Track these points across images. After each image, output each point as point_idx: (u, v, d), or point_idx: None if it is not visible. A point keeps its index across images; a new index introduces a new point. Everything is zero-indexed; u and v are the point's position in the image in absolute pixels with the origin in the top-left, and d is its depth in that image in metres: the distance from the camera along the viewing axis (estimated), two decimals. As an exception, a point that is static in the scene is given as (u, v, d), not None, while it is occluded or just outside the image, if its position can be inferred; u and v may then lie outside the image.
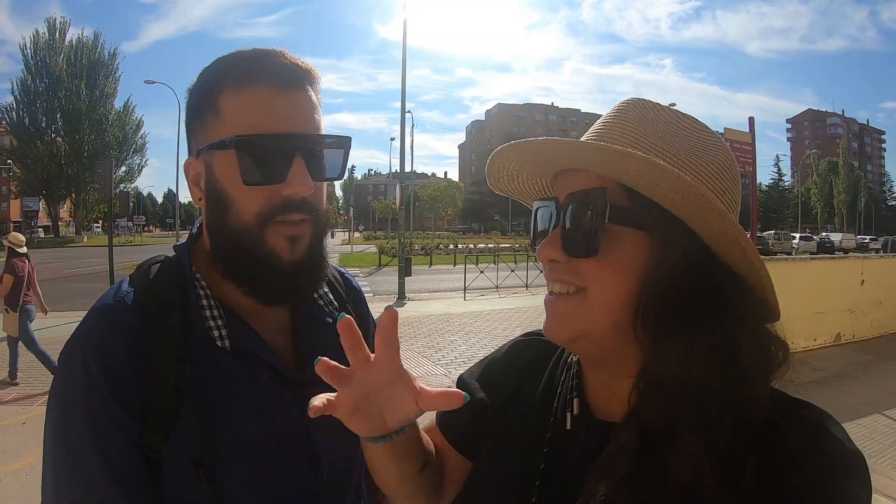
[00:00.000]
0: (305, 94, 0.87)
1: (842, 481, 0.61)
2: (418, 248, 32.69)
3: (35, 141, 52.72)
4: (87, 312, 0.88)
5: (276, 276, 0.86)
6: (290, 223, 0.86)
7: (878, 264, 9.92)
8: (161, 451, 0.81)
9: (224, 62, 0.88)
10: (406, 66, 15.71)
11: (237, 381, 0.88)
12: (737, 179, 0.75)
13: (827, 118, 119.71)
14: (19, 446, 4.72)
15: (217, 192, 0.87)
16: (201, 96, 0.88)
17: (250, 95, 0.84)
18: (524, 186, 0.88)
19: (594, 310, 0.71)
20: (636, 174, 0.66)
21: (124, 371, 0.81)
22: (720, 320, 0.66)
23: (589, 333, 0.72)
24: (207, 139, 0.86)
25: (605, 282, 0.70)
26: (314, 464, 0.93)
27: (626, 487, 0.65)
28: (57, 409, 0.82)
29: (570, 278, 0.73)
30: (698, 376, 0.64)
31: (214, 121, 0.85)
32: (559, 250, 0.73)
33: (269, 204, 0.84)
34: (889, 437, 4.97)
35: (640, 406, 0.68)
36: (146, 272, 0.92)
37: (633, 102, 0.77)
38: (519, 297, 14.69)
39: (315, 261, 0.90)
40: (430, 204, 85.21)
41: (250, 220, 0.85)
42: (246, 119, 0.83)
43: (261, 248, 0.85)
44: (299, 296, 0.93)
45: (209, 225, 0.90)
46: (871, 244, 50.38)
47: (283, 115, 0.84)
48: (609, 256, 0.69)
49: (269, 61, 0.85)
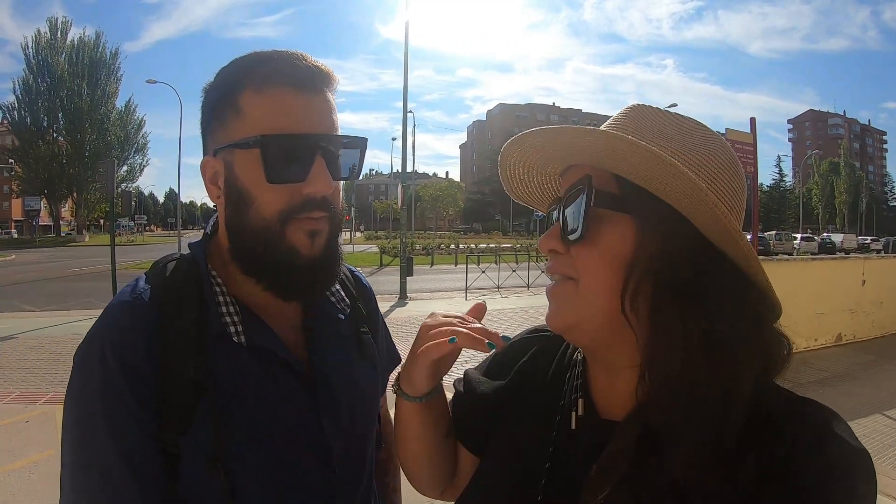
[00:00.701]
0: (324, 96, 0.89)
1: (844, 481, 0.60)
2: (420, 248, 32.59)
3: (37, 140, 52.81)
4: (103, 310, 0.89)
5: (296, 270, 0.88)
6: (311, 220, 0.87)
7: (879, 265, 9.88)
8: (178, 446, 0.82)
9: (244, 62, 0.89)
10: (408, 66, 15.68)
11: (252, 376, 0.89)
12: (737, 176, 0.74)
13: (828, 118, 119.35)
14: (23, 444, 4.71)
15: (238, 190, 0.88)
16: (220, 96, 0.89)
17: (273, 96, 0.85)
18: (540, 192, 0.90)
19: (586, 297, 0.72)
20: (621, 156, 0.68)
21: (143, 367, 0.82)
22: (712, 307, 0.66)
23: (583, 321, 0.73)
24: (228, 138, 0.87)
25: (593, 267, 0.71)
26: (326, 460, 0.94)
27: (626, 488, 0.65)
28: (74, 406, 0.83)
29: (565, 267, 0.75)
30: (690, 365, 0.64)
31: (236, 120, 0.86)
32: (557, 240, 0.76)
33: (291, 202, 0.86)
34: (890, 437, 4.98)
35: (645, 400, 0.68)
36: (162, 269, 0.93)
37: (635, 107, 0.78)
38: (520, 296, 14.66)
39: (331, 257, 0.92)
40: (432, 204, 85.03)
41: (272, 217, 0.86)
42: (269, 119, 0.84)
43: (282, 244, 0.86)
44: (317, 291, 0.95)
45: (228, 223, 0.91)
46: (873, 245, 50.17)
47: (305, 116, 0.86)
48: (597, 241, 0.71)
49: (290, 63, 0.87)
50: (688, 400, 0.64)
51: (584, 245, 0.72)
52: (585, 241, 0.71)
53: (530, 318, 10.98)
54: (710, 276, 0.67)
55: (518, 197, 0.92)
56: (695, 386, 0.64)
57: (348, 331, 1.06)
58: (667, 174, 0.66)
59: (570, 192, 0.75)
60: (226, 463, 0.83)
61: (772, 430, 0.63)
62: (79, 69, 54.00)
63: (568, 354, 0.90)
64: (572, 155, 0.77)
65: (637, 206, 0.70)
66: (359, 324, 1.09)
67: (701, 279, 0.67)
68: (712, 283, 0.67)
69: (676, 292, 0.67)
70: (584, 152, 0.74)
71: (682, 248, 0.68)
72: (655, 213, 0.69)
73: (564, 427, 0.82)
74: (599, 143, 0.70)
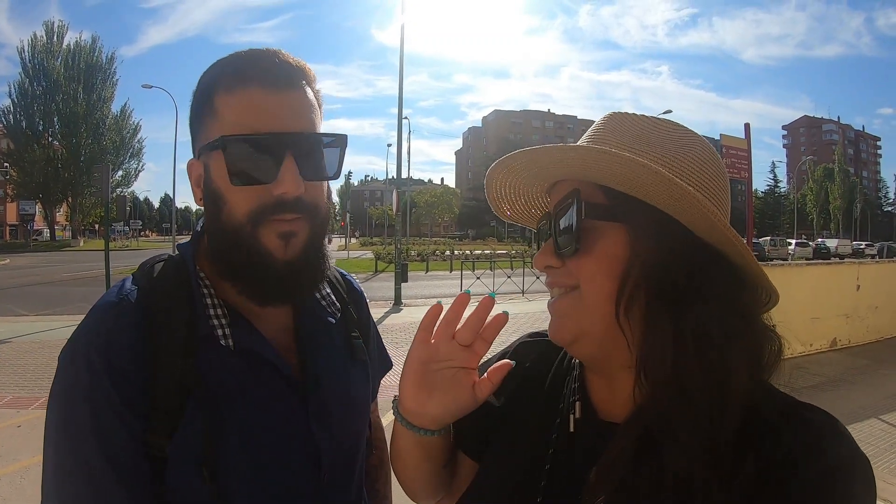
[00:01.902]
0: (298, 92, 0.87)
1: (842, 486, 0.60)
2: (415, 254, 32.57)
3: (32, 144, 52.61)
4: (89, 310, 0.87)
5: (269, 275, 0.86)
6: (283, 221, 0.85)
7: (873, 270, 9.94)
8: (164, 450, 0.81)
9: (220, 63, 0.89)
10: (403, 71, 15.70)
11: (240, 379, 0.87)
12: (720, 171, 0.76)
13: (823, 124, 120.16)
14: (14, 449, 4.68)
15: (212, 192, 0.87)
16: (200, 98, 0.89)
17: (242, 96, 0.84)
18: (528, 211, 0.91)
19: (589, 306, 0.72)
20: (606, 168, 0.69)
21: (129, 369, 0.80)
22: (704, 307, 0.66)
23: (587, 331, 0.73)
24: (206, 139, 0.87)
25: (592, 276, 0.72)
26: (316, 464, 0.93)
27: (625, 489, 0.65)
28: (59, 408, 0.81)
29: (564, 280, 0.76)
30: (683, 365, 0.65)
31: (212, 121, 0.86)
32: (552, 255, 0.77)
33: (262, 203, 0.84)
34: (885, 441, 5.01)
35: (643, 402, 0.69)
36: (149, 270, 0.91)
37: (612, 115, 0.80)
38: (515, 303, 14.65)
39: (313, 259, 0.90)
40: (427, 210, 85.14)
41: (242, 219, 0.85)
42: (237, 119, 0.84)
43: (254, 247, 0.85)
44: (298, 294, 0.93)
45: (207, 225, 0.91)
46: (867, 250, 50.49)
47: (274, 115, 0.84)
48: (592, 251, 0.72)
49: (261, 61, 0.86)
50: (682, 400, 0.64)
51: (580, 256, 0.73)
52: (581, 252, 0.72)
53: (525, 324, 10.97)
54: (702, 276, 0.68)
55: (507, 217, 0.92)
56: (688, 385, 0.65)
57: (339, 335, 1.05)
58: (653, 181, 0.67)
59: (560, 207, 0.76)
60: (214, 467, 0.82)
61: (771, 432, 0.64)
62: (75, 73, 53.91)
63: (567, 358, 0.91)
64: (557, 172, 0.78)
65: (627, 214, 0.71)
66: (349, 328, 1.08)
67: (693, 280, 0.68)
68: (705, 282, 0.68)
69: (669, 294, 0.68)
70: (569, 168, 0.75)
71: (675, 249, 0.69)
72: (645, 219, 0.70)
73: (564, 429, 0.82)
74: (583, 158, 0.71)
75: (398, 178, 17.71)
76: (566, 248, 0.74)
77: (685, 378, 0.65)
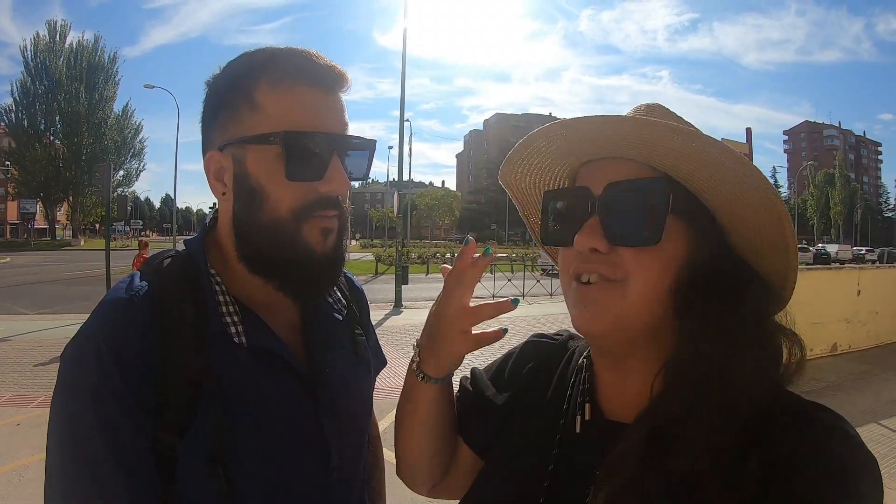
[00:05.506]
0: (339, 95, 0.90)
1: (849, 483, 0.60)
2: (415, 257, 32.52)
3: (34, 143, 52.76)
4: (97, 306, 0.85)
5: (308, 268, 0.87)
6: (325, 217, 0.87)
7: (874, 275, 9.95)
8: (175, 448, 0.79)
9: (259, 57, 0.88)
10: (405, 74, 15.74)
11: (253, 377, 0.87)
12: None
13: (824, 130, 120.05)
14: (14, 447, 4.68)
15: (250, 186, 0.86)
16: (232, 89, 0.87)
17: (293, 93, 0.85)
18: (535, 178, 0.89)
19: (634, 300, 0.70)
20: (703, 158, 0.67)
21: (139, 365, 0.78)
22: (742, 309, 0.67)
23: (627, 324, 0.71)
24: (240, 133, 0.85)
25: (649, 272, 0.70)
26: (325, 460, 0.93)
27: (632, 488, 0.65)
28: (66, 405, 0.79)
29: (609, 268, 0.71)
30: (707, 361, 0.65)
31: (251, 115, 0.85)
32: (601, 238, 0.71)
33: (306, 199, 0.85)
34: (886, 446, 5.01)
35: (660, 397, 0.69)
36: (158, 266, 0.90)
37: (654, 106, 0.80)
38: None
39: (339, 255, 0.92)
40: (428, 213, 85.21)
41: (286, 214, 0.85)
42: (285, 115, 0.84)
43: (296, 241, 0.86)
44: (329, 288, 0.96)
45: (237, 220, 0.89)
46: (868, 255, 50.48)
47: (324, 115, 0.86)
48: (663, 246, 0.70)
49: (309, 61, 0.86)
50: (701, 394, 0.64)
51: (646, 249, 0.70)
52: (650, 243, 0.70)
53: (525, 327, 10.95)
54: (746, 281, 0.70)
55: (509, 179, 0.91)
56: (710, 385, 0.65)
57: (345, 332, 1.05)
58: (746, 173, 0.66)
59: (625, 188, 0.72)
60: (225, 464, 0.81)
61: (779, 430, 0.63)
62: (77, 73, 54.03)
63: (574, 359, 0.90)
64: (616, 148, 0.73)
65: (694, 213, 0.71)
66: (353, 325, 1.08)
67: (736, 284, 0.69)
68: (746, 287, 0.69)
69: (713, 295, 0.68)
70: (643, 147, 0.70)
71: (726, 255, 0.71)
72: (707, 220, 0.71)
73: (569, 429, 0.81)
74: (678, 142, 0.67)
75: (399, 180, 17.81)
76: (632, 238, 0.70)
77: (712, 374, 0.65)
